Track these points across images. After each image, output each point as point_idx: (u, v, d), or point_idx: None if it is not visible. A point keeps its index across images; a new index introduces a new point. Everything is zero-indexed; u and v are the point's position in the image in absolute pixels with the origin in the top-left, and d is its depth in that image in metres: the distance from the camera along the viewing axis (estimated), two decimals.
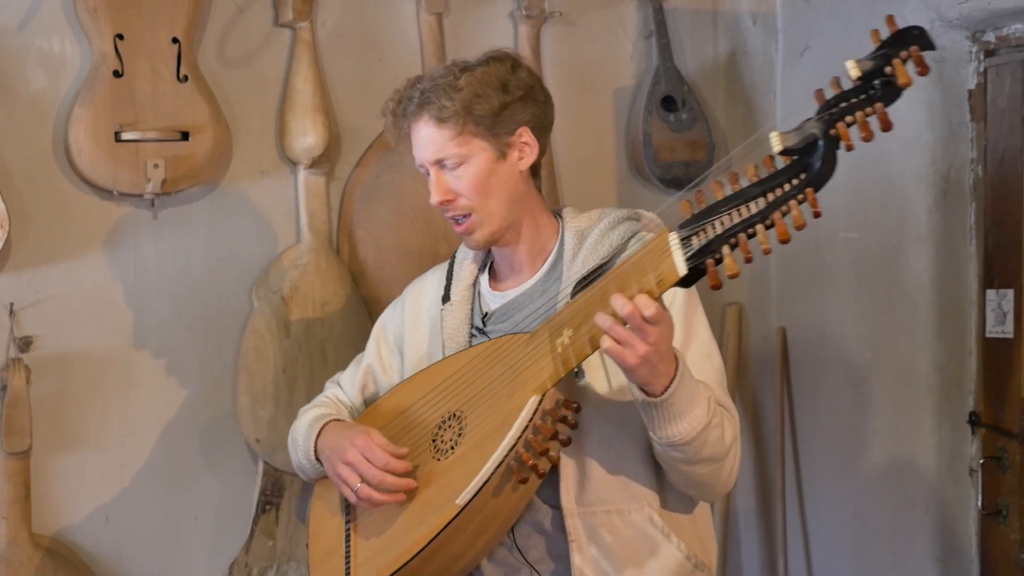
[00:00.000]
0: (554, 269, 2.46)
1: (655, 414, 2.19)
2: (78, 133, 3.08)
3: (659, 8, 3.83)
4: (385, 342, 2.67)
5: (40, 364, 3.12)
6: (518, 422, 2.21)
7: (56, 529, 3.17)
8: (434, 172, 2.42)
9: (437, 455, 2.36)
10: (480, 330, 2.50)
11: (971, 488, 3.51)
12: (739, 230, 2.00)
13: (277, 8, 3.36)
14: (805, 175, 1.99)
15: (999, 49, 3.42)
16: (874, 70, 1.99)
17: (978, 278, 3.50)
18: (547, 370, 2.23)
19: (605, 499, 2.34)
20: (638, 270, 2.11)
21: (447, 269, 2.62)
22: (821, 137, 1.98)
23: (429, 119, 2.40)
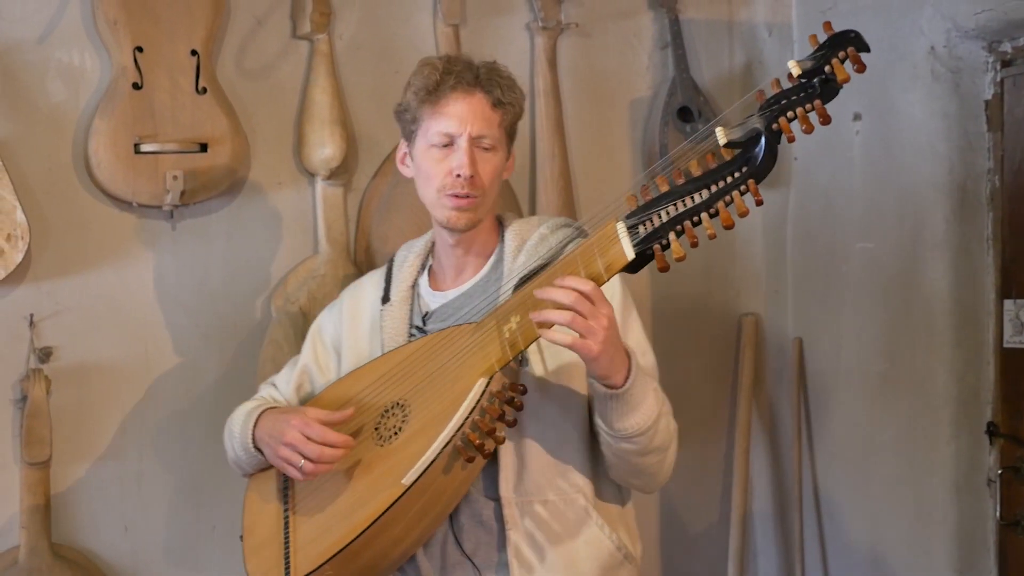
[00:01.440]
0: (494, 270, 2.56)
1: (615, 406, 2.31)
2: (98, 145, 3.10)
3: (675, 19, 3.83)
4: (321, 343, 2.72)
5: (60, 375, 3.14)
6: (466, 403, 2.30)
7: (75, 539, 3.18)
8: (467, 145, 2.47)
9: (380, 441, 2.42)
10: (420, 329, 2.58)
11: (989, 499, 3.50)
12: (684, 218, 2.18)
13: (295, 20, 3.38)
14: (747, 167, 2.15)
15: (1016, 59, 3.42)
16: (813, 69, 2.17)
17: (995, 288, 3.49)
18: (494, 354, 2.32)
19: (542, 487, 2.43)
20: (585, 257, 2.25)
21: (385, 272, 2.69)
22: (763, 131, 2.15)
23: (486, 97, 2.50)
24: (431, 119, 2.49)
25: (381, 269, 2.73)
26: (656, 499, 3.91)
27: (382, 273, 2.70)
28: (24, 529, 3.08)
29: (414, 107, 2.51)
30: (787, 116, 2.15)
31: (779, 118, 2.15)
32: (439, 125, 2.48)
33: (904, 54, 3.57)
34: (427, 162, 2.51)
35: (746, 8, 4.00)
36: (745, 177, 2.15)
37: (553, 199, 3.62)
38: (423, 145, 2.52)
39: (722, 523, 3.98)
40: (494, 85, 2.50)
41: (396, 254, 2.71)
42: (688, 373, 3.95)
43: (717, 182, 2.17)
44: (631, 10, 3.84)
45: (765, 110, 2.17)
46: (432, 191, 2.51)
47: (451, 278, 2.61)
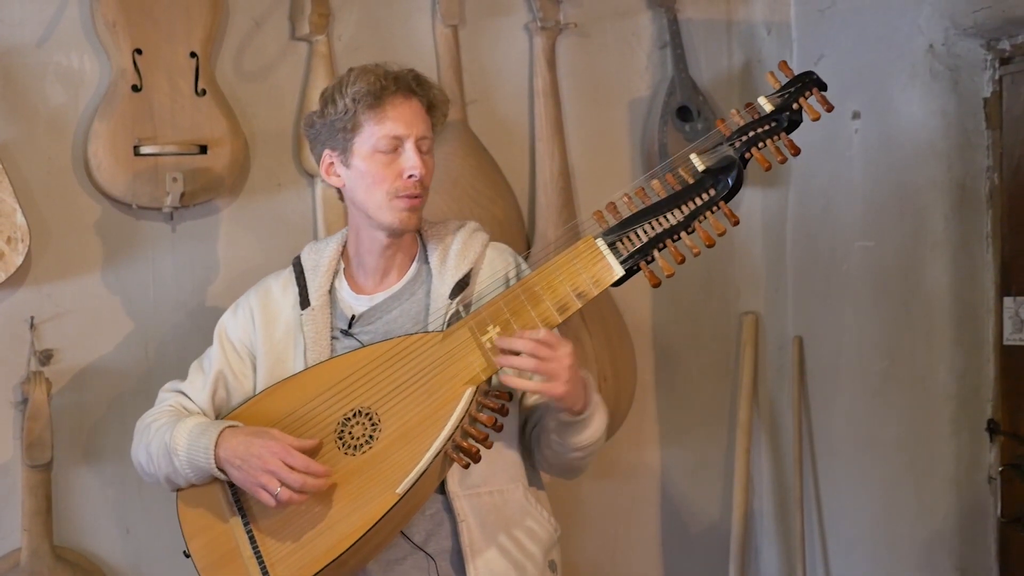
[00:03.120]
0: (419, 272, 2.62)
1: (574, 428, 2.49)
2: (97, 147, 3.10)
3: (673, 19, 3.84)
4: (233, 349, 2.69)
5: (60, 377, 3.14)
6: (457, 411, 2.39)
7: (77, 541, 3.18)
8: (412, 147, 2.53)
9: (347, 451, 2.46)
10: (345, 332, 2.60)
11: (990, 496, 3.51)
12: (665, 236, 2.39)
13: (294, 22, 3.38)
14: (715, 190, 2.39)
15: (1014, 57, 3.42)
16: (783, 106, 2.42)
17: (995, 285, 3.50)
18: (478, 364, 2.41)
19: (487, 481, 2.54)
20: (568, 272, 2.40)
21: (294, 276, 2.69)
22: (737, 159, 2.40)
23: (421, 103, 2.56)
24: (376, 124, 2.52)
25: (283, 272, 2.72)
26: (657, 498, 3.91)
27: (288, 277, 2.69)
28: (26, 532, 3.08)
29: (352, 114, 2.53)
30: (758, 147, 2.41)
31: (751, 148, 2.40)
32: (385, 129, 2.52)
33: (903, 52, 3.57)
34: (374, 166, 2.53)
35: (744, 7, 4.01)
36: (716, 198, 2.39)
37: (553, 199, 3.62)
38: (366, 150, 2.54)
39: (723, 521, 3.98)
40: (426, 89, 2.58)
41: (302, 258, 2.70)
42: (689, 372, 3.95)
43: (687, 203, 2.39)
44: (630, 10, 3.85)
45: (735, 139, 2.41)
46: (380, 194, 2.53)
47: (375, 281, 2.63)
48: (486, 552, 2.52)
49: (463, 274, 2.56)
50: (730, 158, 2.40)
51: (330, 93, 2.58)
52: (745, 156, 2.41)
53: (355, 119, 2.53)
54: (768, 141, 2.41)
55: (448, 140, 3.45)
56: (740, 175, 2.39)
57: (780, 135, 2.42)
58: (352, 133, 2.54)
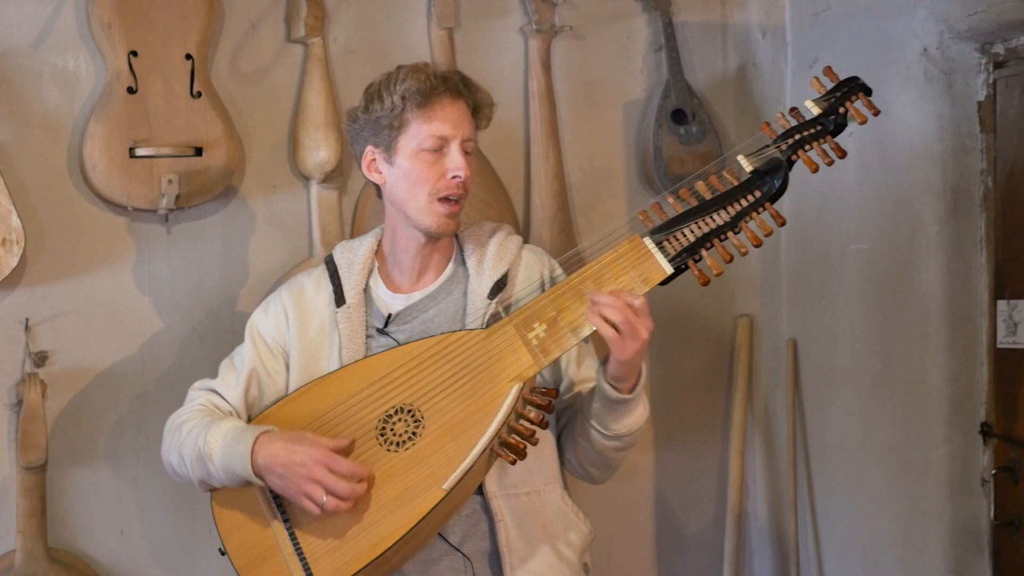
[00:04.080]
0: (456, 272, 2.63)
1: (618, 409, 2.47)
2: (92, 149, 3.10)
3: (668, 22, 3.84)
4: (265, 346, 2.67)
5: (55, 379, 3.14)
6: (503, 408, 2.40)
7: (71, 543, 3.18)
8: (457, 148, 2.53)
9: (390, 447, 2.45)
10: (381, 331, 2.59)
11: (983, 499, 3.51)
12: (713, 235, 2.42)
13: (289, 24, 3.38)
14: (761, 192, 2.45)
15: (1008, 61, 3.43)
16: (828, 110, 2.48)
17: (989, 289, 3.50)
18: (524, 361, 2.44)
19: (525, 482, 2.55)
20: (615, 270, 2.42)
21: (328, 274, 2.67)
22: (784, 161, 2.45)
23: (467, 105, 2.57)
24: (424, 123, 2.52)
25: (317, 269, 2.71)
26: (651, 500, 3.92)
27: (321, 274, 2.68)
28: (20, 534, 3.08)
29: (399, 111, 2.53)
30: (804, 149, 2.46)
31: (798, 150, 2.46)
32: (432, 129, 2.52)
33: (897, 56, 3.58)
34: (418, 165, 2.53)
35: (739, 10, 4.01)
36: (763, 199, 2.45)
37: (547, 201, 3.62)
38: (411, 149, 2.53)
39: (717, 524, 3.99)
40: (473, 91, 2.58)
41: (335, 256, 2.70)
42: (683, 374, 3.96)
43: (733, 203, 2.44)
44: (625, 13, 3.85)
45: (781, 142, 2.46)
46: (423, 195, 2.53)
47: (411, 280, 2.63)
48: (523, 553, 2.52)
49: (501, 275, 2.57)
50: (777, 160, 2.45)
51: (376, 89, 2.58)
52: (791, 158, 2.46)
53: (402, 117, 2.52)
54: (814, 144, 2.46)
55: None
56: (786, 177, 2.45)
57: (826, 138, 2.47)
58: (398, 131, 2.53)
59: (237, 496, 2.54)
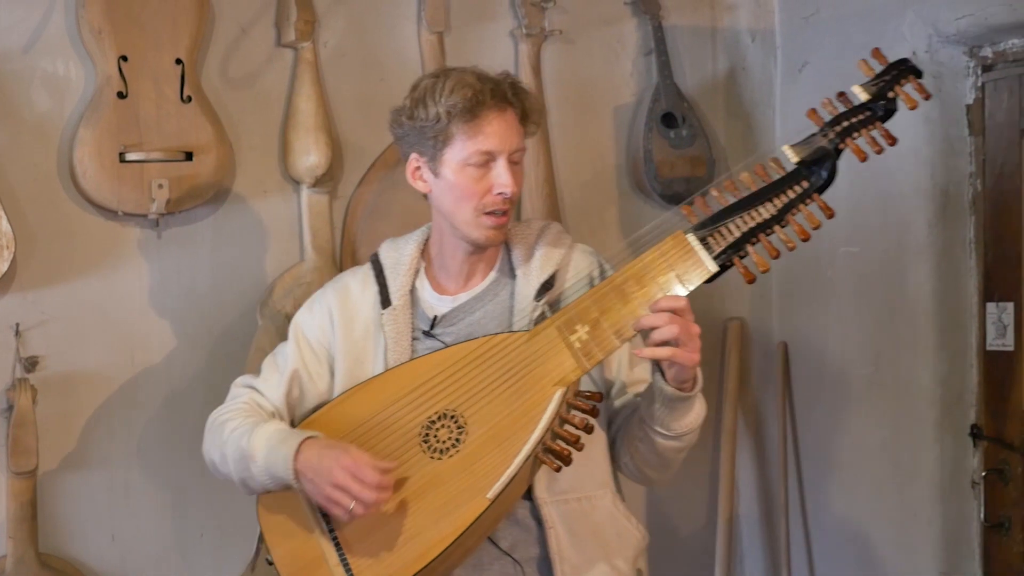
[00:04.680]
0: (503, 274, 2.58)
1: (680, 407, 2.40)
2: (83, 154, 3.10)
3: (658, 26, 3.85)
4: (309, 347, 2.64)
5: (46, 384, 3.14)
6: (547, 414, 2.34)
7: (62, 548, 3.18)
8: (504, 164, 2.47)
9: (433, 454, 2.41)
10: (427, 333, 2.56)
11: (974, 501, 3.52)
12: (758, 230, 2.31)
13: (279, 28, 3.39)
14: (808, 183, 2.33)
15: (996, 64, 3.44)
16: (877, 95, 2.35)
17: (978, 291, 3.51)
18: (567, 364, 2.36)
19: (575, 487, 2.49)
20: (657, 268, 2.34)
21: (374, 274, 2.64)
22: (832, 150, 2.33)
23: (515, 112, 2.51)
24: (468, 138, 2.45)
25: (362, 268, 2.67)
26: (642, 503, 3.92)
27: (368, 274, 2.65)
28: (11, 539, 3.07)
29: (444, 125, 2.46)
30: (852, 136, 2.35)
31: (845, 138, 2.34)
32: (478, 144, 2.45)
33: None
34: (463, 180, 2.47)
35: (729, 14, 4.02)
36: (810, 191, 2.34)
37: (538, 205, 3.63)
38: (456, 163, 2.47)
39: (708, 527, 3.99)
40: (521, 98, 2.52)
41: (381, 255, 2.66)
42: None
43: (779, 195, 2.33)
44: (615, 17, 3.86)
45: (828, 130, 2.35)
46: (468, 210, 2.48)
47: (458, 282, 2.59)
48: (574, 560, 2.47)
49: (548, 275, 2.52)
50: (824, 149, 2.34)
51: (421, 95, 2.50)
52: (839, 147, 2.35)
53: (447, 131, 2.46)
54: (863, 131, 2.36)
55: None
56: (834, 166, 2.34)
57: (875, 124, 2.36)
58: (443, 144, 2.47)
59: (284, 505, 2.52)
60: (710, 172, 3.85)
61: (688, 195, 3.81)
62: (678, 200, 3.82)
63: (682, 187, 3.80)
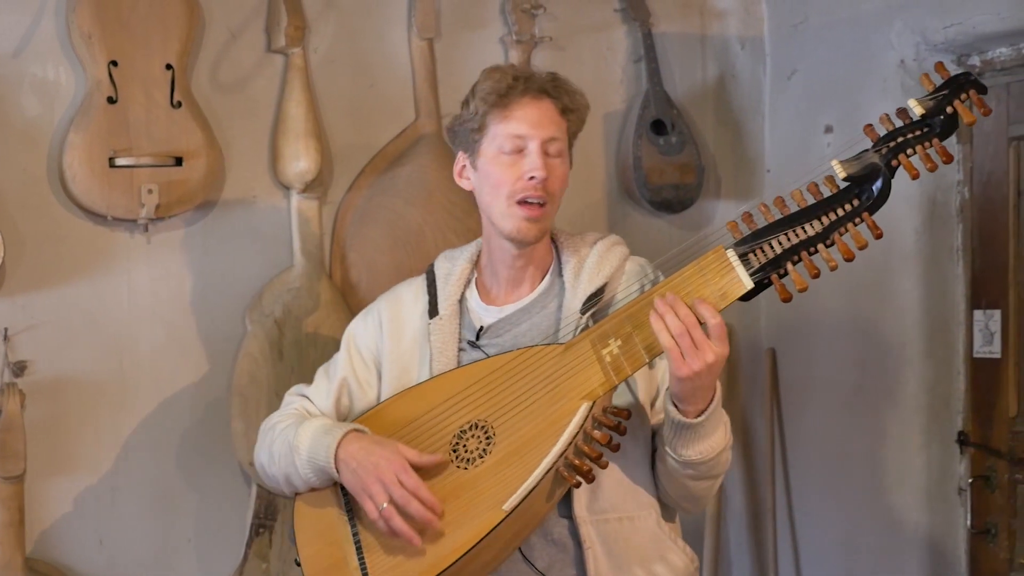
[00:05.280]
0: (552, 285, 2.52)
1: (684, 433, 2.31)
2: (72, 159, 3.10)
3: (648, 33, 3.86)
4: (359, 356, 2.64)
5: (34, 389, 3.13)
6: (570, 428, 2.28)
7: (50, 553, 3.17)
8: (537, 149, 2.44)
9: (461, 463, 2.39)
10: (472, 344, 2.53)
11: (960, 507, 3.53)
12: (801, 248, 2.22)
13: (270, 34, 3.39)
14: (859, 201, 2.23)
15: (984, 72, 3.45)
16: (935, 109, 2.24)
17: (965, 298, 3.52)
18: (596, 379, 2.30)
19: (616, 507, 2.41)
20: (695, 283, 2.26)
21: (427, 284, 2.63)
22: (883, 166, 2.22)
23: (554, 104, 2.47)
24: (501, 123, 2.45)
25: (417, 280, 2.65)
26: None
27: (421, 285, 2.63)
28: None
29: (481, 113, 2.46)
30: (907, 153, 2.23)
31: (899, 155, 2.23)
32: (510, 128, 2.44)
33: (874, 67, 3.60)
34: (497, 168, 2.45)
35: (718, 22, 4.03)
36: (861, 209, 2.22)
37: None
38: (491, 152, 2.46)
39: (696, 531, 3.99)
40: (562, 92, 2.48)
41: (436, 266, 2.63)
42: None
43: (828, 213, 2.23)
44: (604, 24, 3.87)
45: (881, 145, 2.24)
46: (502, 199, 2.45)
47: (506, 292, 2.55)
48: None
49: (596, 288, 2.44)
50: (875, 165, 2.23)
51: (467, 96, 2.53)
52: (892, 164, 2.23)
53: (483, 119, 2.46)
54: (918, 147, 2.24)
55: (423, 152, 3.46)
56: (887, 184, 2.22)
57: (932, 141, 2.24)
58: (480, 134, 2.47)
59: (318, 507, 2.52)
60: (699, 179, 3.85)
61: (677, 202, 3.83)
62: (667, 207, 3.83)
63: (671, 194, 3.81)
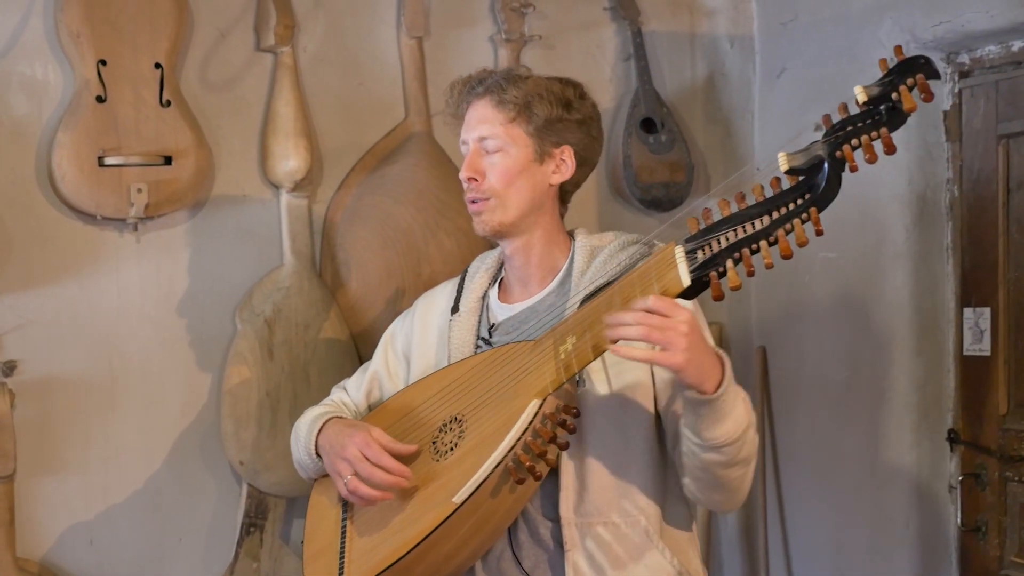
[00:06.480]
0: (563, 285, 2.52)
1: (706, 413, 2.21)
2: (61, 158, 3.09)
3: (637, 31, 3.86)
4: (393, 350, 2.73)
5: (23, 388, 3.13)
6: (518, 424, 2.27)
7: (40, 553, 3.17)
8: (473, 149, 2.50)
9: (436, 456, 2.42)
10: (486, 341, 2.56)
11: (950, 505, 3.53)
12: (743, 245, 2.09)
13: (259, 33, 3.38)
14: (809, 195, 2.07)
15: (973, 71, 3.46)
16: (880, 96, 2.09)
17: (955, 297, 3.53)
18: (548, 375, 2.29)
19: (602, 510, 2.38)
20: (643, 281, 2.19)
21: (459, 282, 2.68)
22: (826, 158, 2.06)
23: (490, 100, 2.50)
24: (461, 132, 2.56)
25: (457, 278, 2.71)
26: None
27: (455, 283, 2.69)
28: None
29: (453, 126, 2.59)
30: (851, 144, 2.07)
31: (843, 145, 2.07)
32: (461, 136, 2.55)
33: (863, 65, 3.60)
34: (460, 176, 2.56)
35: (708, 20, 4.04)
36: (807, 205, 2.07)
37: None
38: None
39: None
40: (501, 85, 2.50)
41: (471, 264, 2.70)
42: None
43: (778, 209, 2.09)
44: (594, 22, 3.87)
45: (829, 136, 2.09)
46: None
47: (518, 291, 2.58)
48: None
49: (596, 286, 2.38)
50: (819, 157, 2.07)
51: None
52: (836, 155, 2.06)
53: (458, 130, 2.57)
54: (863, 137, 2.06)
55: (413, 151, 3.46)
56: (833, 176, 2.06)
57: (880, 131, 2.06)
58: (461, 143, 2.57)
59: (324, 494, 2.65)
60: (689, 177, 3.86)
61: (667, 200, 3.84)
62: (657, 205, 3.83)
63: (661, 192, 3.82)
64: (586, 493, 2.38)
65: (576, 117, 2.53)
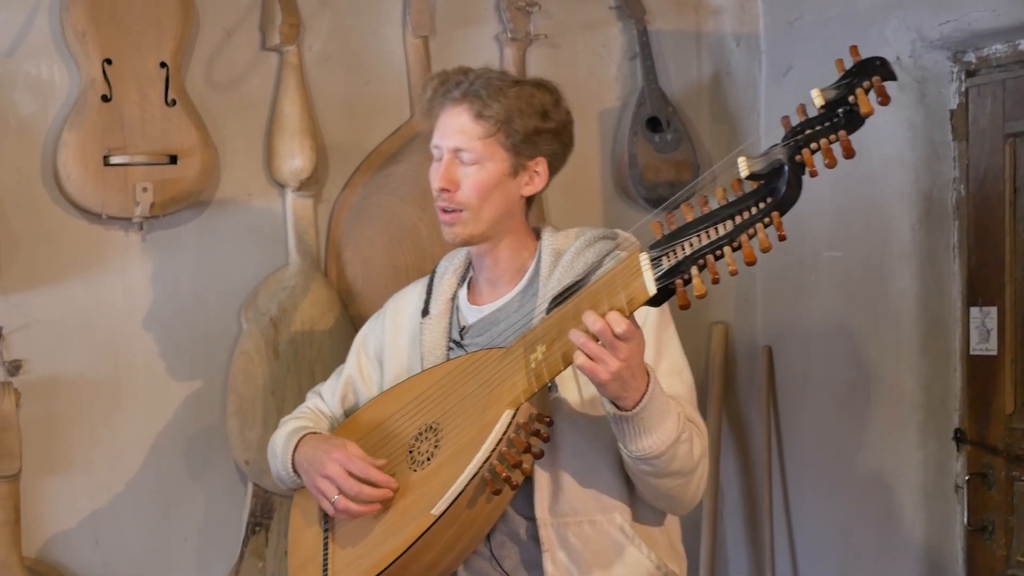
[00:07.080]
0: (531, 286, 2.50)
1: (626, 427, 2.24)
2: (67, 157, 3.09)
3: (643, 30, 3.86)
4: (365, 354, 2.70)
5: (29, 387, 3.13)
6: (492, 435, 2.26)
7: (46, 552, 3.17)
8: (447, 158, 2.45)
9: (413, 466, 2.41)
10: (457, 343, 2.54)
11: (957, 504, 3.53)
12: (707, 251, 2.06)
13: (264, 32, 3.38)
14: (771, 199, 2.03)
15: (980, 69, 3.45)
16: (838, 99, 2.05)
17: (962, 296, 3.52)
18: (520, 385, 2.27)
19: (577, 509, 2.39)
20: (609, 289, 2.16)
21: (427, 283, 2.65)
22: (786, 163, 2.02)
23: (468, 110, 2.43)
24: (432, 131, 2.49)
25: (424, 279, 2.67)
26: None
27: (424, 284, 2.65)
28: None
29: (423, 121, 2.53)
30: (811, 148, 2.03)
31: (802, 149, 2.03)
32: (433, 137, 2.48)
33: None
34: (429, 174, 2.49)
35: (713, 19, 4.03)
36: (769, 209, 2.03)
37: None
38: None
39: (693, 530, 3.99)
40: (480, 94, 2.43)
41: (439, 264, 2.66)
42: None
43: (741, 213, 2.05)
44: (600, 21, 3.86)
45: (789, 140, 2.05)
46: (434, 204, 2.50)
47: (487, 292, 2.55)
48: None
49: (564, 287, 2.31)
50: (779, 162, 2.03)
51: None
52: (796, 159, 2.03)
53: (426, 127, 2.52)
54: (823, 141, 2.03)
55: (419, 150, 3.46)
56: (793, 180, 2.02)
57: (838, 133, 2.03)
58: (429, 140, 2.52)
59: (308, 504, 2.59)
60: (695, 176, 3.85)
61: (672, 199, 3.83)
62: (663, 204, 3.83)
63: (667, 191, 3.81)
64: (560, 493, 2.38)
65: (551, 126, 2.50)
